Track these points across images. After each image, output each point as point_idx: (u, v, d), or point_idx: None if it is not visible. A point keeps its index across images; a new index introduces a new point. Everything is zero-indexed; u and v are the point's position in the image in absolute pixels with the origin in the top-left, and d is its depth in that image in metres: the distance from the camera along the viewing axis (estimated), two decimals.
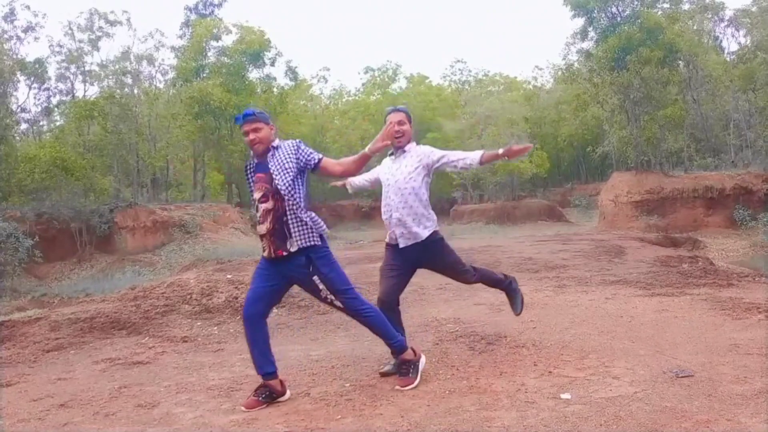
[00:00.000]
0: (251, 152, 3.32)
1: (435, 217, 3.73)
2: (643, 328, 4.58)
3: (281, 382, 3.29)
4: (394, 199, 3.66)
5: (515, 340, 4.35)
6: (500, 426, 2.71)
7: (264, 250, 3.27)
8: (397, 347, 3.43)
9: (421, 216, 3.62)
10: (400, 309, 3.78)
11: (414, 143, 3.79)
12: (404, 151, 3.72)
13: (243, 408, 3.18)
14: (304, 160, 3.24)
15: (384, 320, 3.41)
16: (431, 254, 3.69)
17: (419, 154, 3.69)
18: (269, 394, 3.23)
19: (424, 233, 3.62)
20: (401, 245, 3.66)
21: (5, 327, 5.68)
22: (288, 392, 3.33)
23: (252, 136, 3.23)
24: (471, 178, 32.85)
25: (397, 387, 3.33)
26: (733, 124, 29.06)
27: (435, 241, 3.67)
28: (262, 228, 3.23)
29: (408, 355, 3.43)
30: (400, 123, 3.68)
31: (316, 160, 3.26)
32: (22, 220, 20.40)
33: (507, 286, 4.04)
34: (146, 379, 3.96)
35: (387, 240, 3.76)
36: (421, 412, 2.95)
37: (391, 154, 3.82)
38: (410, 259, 3.68)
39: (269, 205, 3.19)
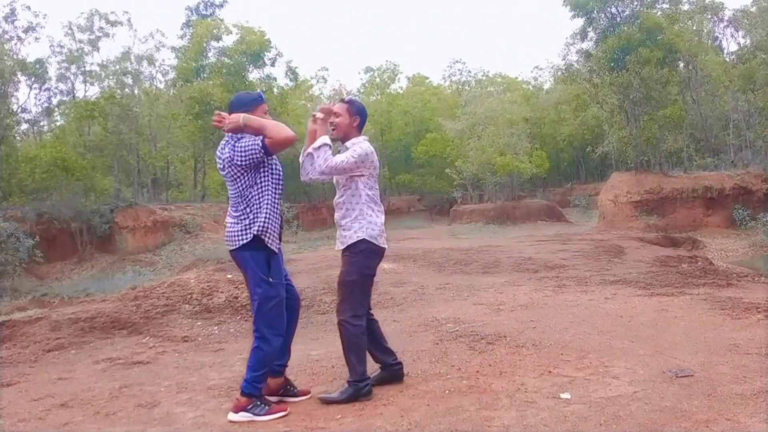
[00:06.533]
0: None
1: (372, 222, 3.31)
2: (642, 327, 4.59)
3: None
4: (336, 200, 3.44)
5: (515, 339, 4.36)
6: (500, 426, 2.71)
7: None
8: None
9: (354, 219, 3.31)
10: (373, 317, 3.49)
11: (360, 139, 3.39)
12: (346, 148, 3.37)
13: None
14: None
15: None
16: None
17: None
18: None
19: (353, 237, 3.29)
20: (336, 248, 3.42)
21: (6, 327, 5.68)
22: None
23: None
24: (471, 178, 32.83)
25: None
26: (732, 124, 29.06)
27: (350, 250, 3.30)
28: None
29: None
30: (335, 114, 3.37)
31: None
32: (23, 220, 20.41)
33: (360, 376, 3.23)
34: (147, 378, 3.97)
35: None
36: (421, 411, 2.95)
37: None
38: None
39: None
